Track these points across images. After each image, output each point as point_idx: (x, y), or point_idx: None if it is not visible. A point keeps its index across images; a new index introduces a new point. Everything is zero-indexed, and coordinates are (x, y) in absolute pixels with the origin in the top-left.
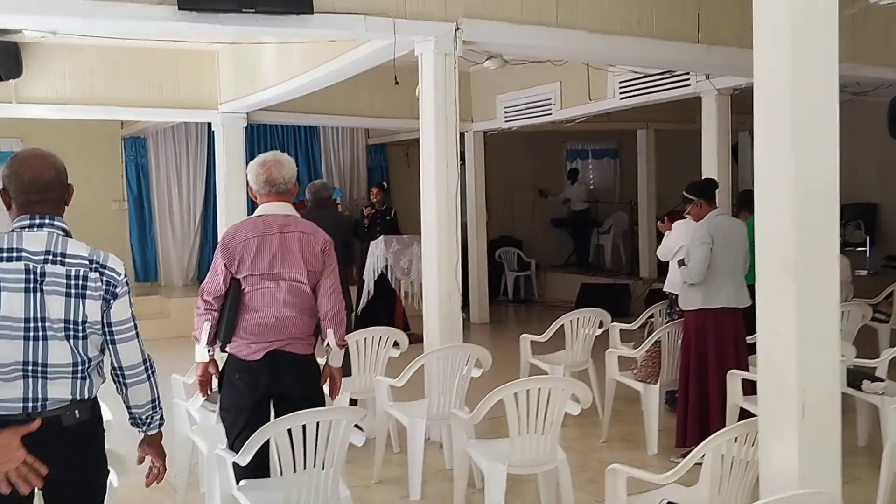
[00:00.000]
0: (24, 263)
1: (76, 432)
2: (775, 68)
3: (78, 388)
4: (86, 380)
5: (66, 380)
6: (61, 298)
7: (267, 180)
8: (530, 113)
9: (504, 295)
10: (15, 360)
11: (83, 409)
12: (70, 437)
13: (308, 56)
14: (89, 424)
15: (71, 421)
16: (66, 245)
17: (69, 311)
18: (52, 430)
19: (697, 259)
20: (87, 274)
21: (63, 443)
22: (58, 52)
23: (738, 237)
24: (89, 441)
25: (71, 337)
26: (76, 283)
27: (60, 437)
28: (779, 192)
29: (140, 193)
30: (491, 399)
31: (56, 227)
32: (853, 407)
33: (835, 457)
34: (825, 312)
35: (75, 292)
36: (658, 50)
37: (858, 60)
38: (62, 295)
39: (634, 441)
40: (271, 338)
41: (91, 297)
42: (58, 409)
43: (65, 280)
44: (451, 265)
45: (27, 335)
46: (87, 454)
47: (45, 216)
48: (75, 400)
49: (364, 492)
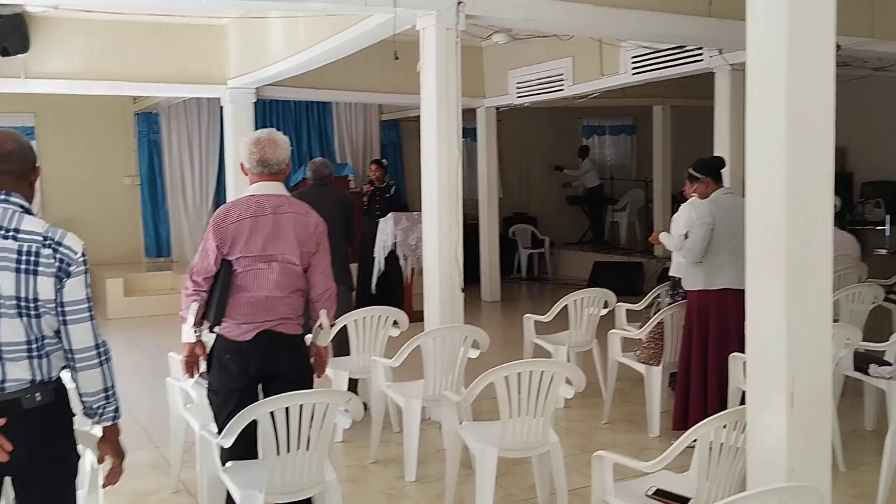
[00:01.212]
0: None
1: (38, 415)
2: (769, 45)
3: (37, 368)
4: (43, 359)
5: (22, 360)
6: (12, 275)
7: (260, 160)
8: (542, 88)
9: (517, 272)
10: None
11: (45, 392)
12: (32, 420)
13: (313, 31)
14: (52, 407)
15: (31, 404)
16: (21, 221)
17: (20, 288)
18: (12, 412)
19: (696, 238)
20: (40, 250)
21: (24, 426)
22: (66, 27)
23: (741, 217)
24: (52, 424)
25: (24, 315)
26: (27, 259)
27: (21, 420)
28: (771, 172)
29: (152, 169)
30: (482, 381)
31: (12, 202)
32: (861, 391)
33: (824, 448)
34: (817, 298)
35: (26, 268)
36: (668, 24)
37: (877, 35)
38: (12, 271)
39: (637, 423)
40: (262, 318)
41: (43, 274)
42: (17, 391)
43: (16, 255)
44: (451, 243)
45: None
46: (50, 437)
47: (2, 192)
48: (35, 381)
49: (360, 472)
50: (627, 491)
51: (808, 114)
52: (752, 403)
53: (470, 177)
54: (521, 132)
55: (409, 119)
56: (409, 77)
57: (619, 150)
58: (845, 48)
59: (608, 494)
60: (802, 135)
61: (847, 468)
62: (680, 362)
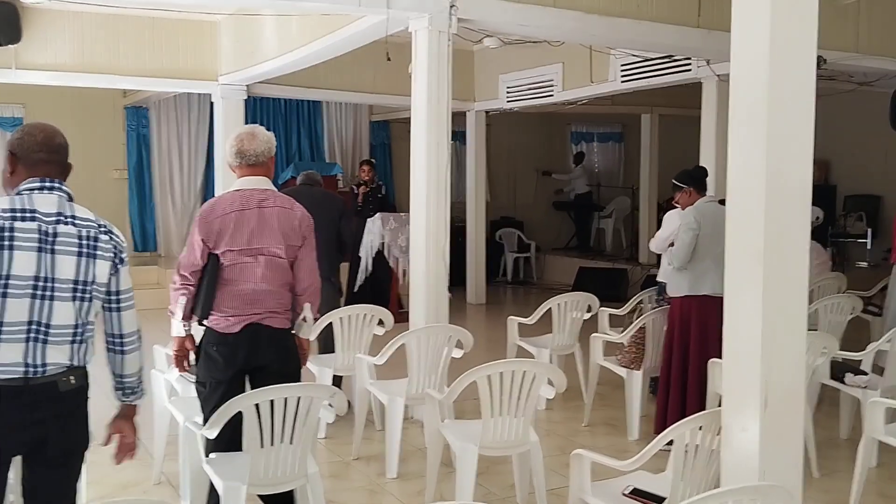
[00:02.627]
0: (38, 224)
1: (70, 397)
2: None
3: (76, 353)
4: (83, 344)
5: (65, 344)
6: (72, 258)
7: (238, 152)
8: (532, 94)
9: (503, 276)
10: (20, 320)
11: (78, 376)
12: (64, 401)
13: (306, 30)
14: (81, 391)
15: (66, 387)
16: (74, 208)
17: (79, 272)
18: (47, 394)
19: (682, 243)
20: (98, 235)
21: (56, 407)
22: (58, 19)
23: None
24: (78, 407)
25: (77, 298)
26: (87, 244)
27: (54, 401)
28: (750, 181)
29: (141, 163)
30: (464, 380)
31: (63, 191)
32: (837, 400)
33: (796, 451)
34: (792, 306)
35: (86, 252)
36: (657, 33)
37: (861, 51)
38: (73, 255)
39: (617, 426)
40: (249, 311)
41: (101, 258)
42: (55, 374)
43: (76, 240)
44: (439, 245)
45: (35, 294)
46: (76, 419)
47: (55, 180)
48: (72, 366)
49: (341, 468)
50: (604, 490)
51: (788, 125)
52: (727, 406)
53: (458, 180)
54: (509, 137)
55: (399, 120)
56: (401, 78)
57: (606, 157)
58: (830, 62)
59: (585, 493)
60: (781, 145)
61: (821, 475)
62: (662, 367)
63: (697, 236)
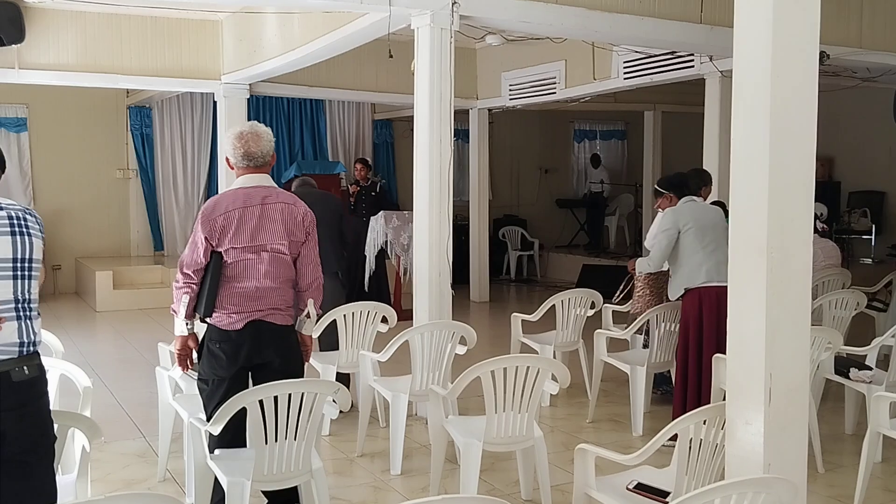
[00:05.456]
0: None
1: (26, 389)
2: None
3: (24, 331)
4: (29, 321)
5: (11, 321)
6: (8, 237)
7: (245, 154)
8: (535, 91)
9: (506, 274)
10: None
11: (31, 366)
12: (19, 393)
13: (308, 28)
14: (37, 382)
15: (21, 377)
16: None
17: (16, 249)
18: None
19: (658, 246)
20: (25, 216)
21: (11, 399)
22: (61, 19)
23: (710, 218)
24: (36, 399)
25: (18, 277)
26: (18, 223)
27: (9, 392)
28: (754, 176)
29: (144, 162)
30: (468, 376)
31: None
32: (842, 395)
33: (801, 445)
34: (796, 300)
35: (19, 231)
36: (660, 30)
37: (865, 46)
38: (8, 234)
39: (621, 422)
40: (252, 308)
41: (36, 237)
42: (6, 360)
43: (7, 220)
44: (441, 242)
45: None
46: (33, 411)
47: None
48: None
49: (346, 465)
50: (609, 484)
51: (791, 120)
52: (731, 400)
53: (461, 178)
54: (512, 135)
55: (402, 119)
56: (403, 77)
57: (610, 154)
58: (833, 58)
59: (590, 487)
60: (784, 141)
61: (826, 470)
62: (678, 363)
63: (678, 237)
